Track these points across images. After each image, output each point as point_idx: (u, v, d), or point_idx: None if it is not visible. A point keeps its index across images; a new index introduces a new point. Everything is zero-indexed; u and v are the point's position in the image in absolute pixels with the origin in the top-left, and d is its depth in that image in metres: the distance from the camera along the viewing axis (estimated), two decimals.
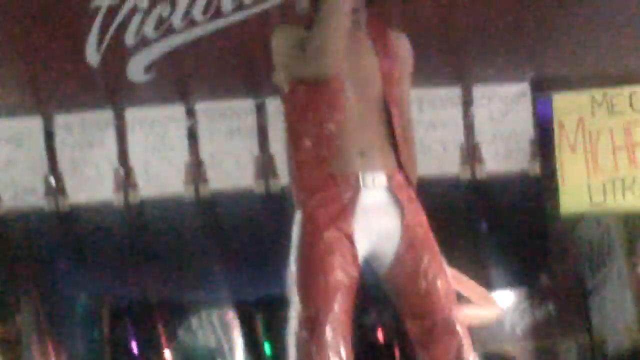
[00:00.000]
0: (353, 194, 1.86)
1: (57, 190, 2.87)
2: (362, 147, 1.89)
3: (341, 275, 1.91)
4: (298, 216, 1.88)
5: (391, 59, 1.96)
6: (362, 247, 1.88)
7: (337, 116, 1.87)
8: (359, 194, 1.86)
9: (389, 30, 2.01)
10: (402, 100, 1.99)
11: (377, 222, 1.90)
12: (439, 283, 1.95)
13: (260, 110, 2.85)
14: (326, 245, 1.89)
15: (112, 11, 2.85)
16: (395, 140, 1.92)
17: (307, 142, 1.88)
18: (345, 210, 1.85)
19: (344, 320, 1.90)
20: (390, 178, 1.91)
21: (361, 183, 1.87)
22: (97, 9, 2.84)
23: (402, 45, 2.00)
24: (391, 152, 1.93)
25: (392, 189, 1.91)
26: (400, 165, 1.92)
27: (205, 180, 2.84)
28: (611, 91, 2.77)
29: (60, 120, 2.87)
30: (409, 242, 1.92)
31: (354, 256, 1.87)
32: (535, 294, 3.76)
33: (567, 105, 2.81)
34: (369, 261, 1.94)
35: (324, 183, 1.89)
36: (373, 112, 1.90)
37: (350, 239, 1.86)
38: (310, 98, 1.89)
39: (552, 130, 2.81)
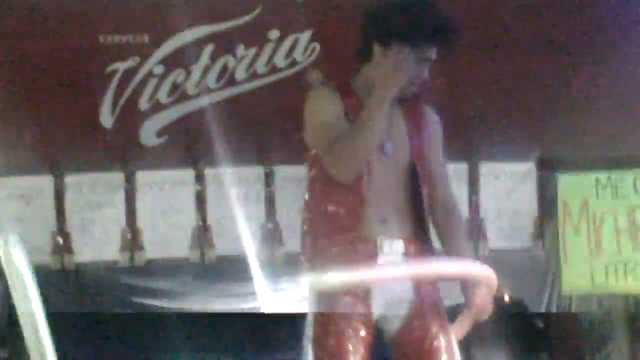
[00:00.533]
0: (370, 259, 1.89)
1: (64, 249, 2.94)
2: (384, 214, 1.91)
3: (356, 342, 1.93)
4: (314, 292, 1.90)
5: (422, 134, 2.00)
6: (376, 309, 1.91)
7: (364, 185, 1.88)
8: (376, 259, 1.90)
9: (424, 105, 2.04)
10: (432, 173, 2.01)
11: (390, 287, 1.92)
12: (443, 354, 2.00)
13: (269, 177, 2.92)
14: (344, 309, 1.92)
15: (127, 75, 2.92)
16: (417, 209, 1.94)
17: (331, 207, 1.90)
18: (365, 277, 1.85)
19: None
20: (407, 245, 1.96)
21: (379, 249, 1.91)
22: (113, 72, 2.91)
23: (433, 122, 2.05)
24: (411, 220, 1.95)
25: (408, 256, 1.94)
26: (417, 234, 1.95)
27: (212, 245, 2.90)
28: (615, 174, 2.81)
29: (71, 180, 2.94)
30: (418, 309, 1.94)
31: (369, 320, 1.90)
32: None
33: (571, 186, 2.86)
34: (378, 323, 1.95)
35: (342, 248, 1.92)
36: (398, 181, 1.93)
37: (367, 303, 1.88)
38: None
39: (556, 210, 2.86)
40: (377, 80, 1.96)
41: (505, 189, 2.85)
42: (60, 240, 2.93)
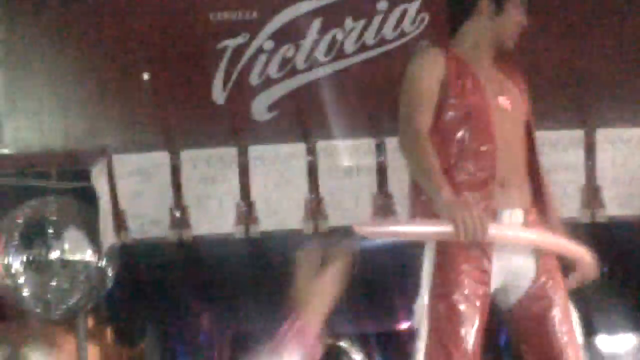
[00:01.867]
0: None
1: (182, 222, 3.08)
2: (502, 178, 1.90)
3: (473, 310, 1.94)
4: (430, 250, 1.91)
5: (524, 93, 2.02)
6: (495, 282, 1.92)
7: (486, 149, 1.88)
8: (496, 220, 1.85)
9: (516, 68, 2.07)
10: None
11: (510, 258, 1.92)
12: (564, 330, 1.97)
13: (380, 149, 2.97)
14: (462, 280, 1.92)
15: (237, 52, 3.02)
16: (533, 174, 1.95)
17: (453, 164, 1.87)
18: (484, 246, 1.85)
19: (477, 346, 1.92)
20: (526, 214, 1.93)
21: (498, 220, 1.88)
22: (224, 49, 3.01)
23: (524, 82, 2.05)
24: (528, 187, 1.95)
25: (527, 226, 1.92)
26: (536, 201, 1.95)
27: (325, 217, 2.98)
28: None
29: (186, 155, 3.06)
30: (542, 282, 1.94)
31: (486, 291, 1.91)
32: None
33: None
34: (495, 295, 1.97)
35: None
36: (516, 143, 1.93)
37: (486, 274, 1.88)
38: (458, 127, 1.93)
39: None
40: (489, 31, 1.99)
41: (622, 154, 2.84)
42: (178, 214, 3.05)
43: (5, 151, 3.12)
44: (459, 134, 1.89)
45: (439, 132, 1.89)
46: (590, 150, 2.84)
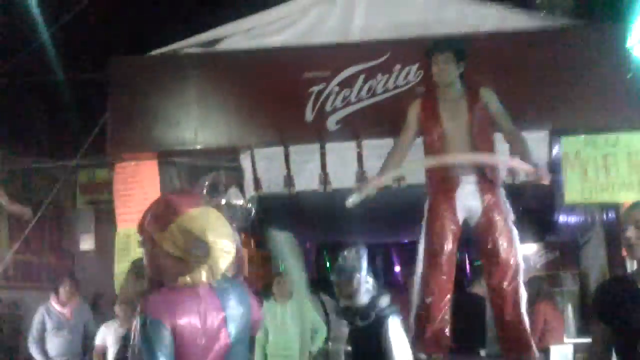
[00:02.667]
0: (455, 187, 3.36)
1: (290, 184, 5.13)
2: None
3: (449, 229, 3.36)
4: (427, 200, 3.60)
5: (477, 104, 3.38)
6: (461, 213, 3.41)
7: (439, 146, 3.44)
8: (459, 187, 3.37)
9: (479, 90, 3.53)
10: (484, 129, 3.42)
11: (469, 201, 3.40)
12: (501, 243, 3.37)
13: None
14: (441, 212, 3.41)
15: (319, 93, 5.05)
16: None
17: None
18: (451, 195, 3.40)
19: (451, 252, 3.42)
20: (477, 178, 3.41)
21: (460, 181, 3.34)
22: (312, 92, 5.06)
23: (486, 95, 3.44)
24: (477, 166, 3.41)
25: (477, 184, 3.36)
26: (482, 171, 3.37)
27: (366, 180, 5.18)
28: (595, 135, 4.65)
29: (292, 149, 5.08)
30: (487, 213, 3.35)
31: (456, 218, 3.37)
32: (549, 246, 5.73)
33: (569, 143, 4.74)
34: (467, 220, 3.46)
35: (440, 182, 3.47)
36: (466, 141, 3.43)
37: (453, 209, 3.38)
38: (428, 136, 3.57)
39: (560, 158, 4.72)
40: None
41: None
42: (287, 179, 5.07)
43: (200, 147, 5.26)
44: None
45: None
46: None
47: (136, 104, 5.37)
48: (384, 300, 3.15)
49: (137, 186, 5.39)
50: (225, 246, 1.90)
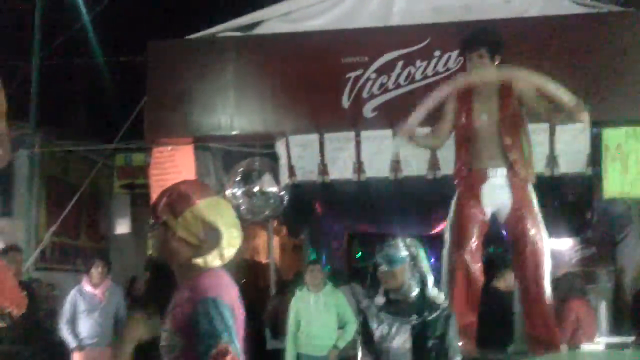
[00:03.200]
0: (483, 180, 3.37)
1: (324, 172, 5.09)
2: (490, 153, 3.36)
3: (475, 222, 3.36)
4: (456, 195, 3.54)
5: (509, 100, 3.34)
6: (488, 208, 3.38)
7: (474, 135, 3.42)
8: (487, 180, 3.35)
9: (512, 82, 3.41)
10: (515, 125, 3.38)
11: (498, 195, 3.37)
12: (531, 238, 3.33)
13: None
14: (467, 206, 3.38)
15: (356, 79, 5.05)
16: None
17: (461, 151, 3.50)
18: (478, 189, 3.40)
19: (477, 246, 3.40)
20: (507, 171, 3.30)
21: (489, 174, 3.35)
22: (349, 77, 5.05)
23: (519, 83, 3.39)
24: (507, 159, 3.37)
25: (507, 178, 3.31)
26: (512, 166, 3.33)
27: (401, 170, 5.12)
28: (638, 128, 4.56)
29: (327, 136, 5.05)
30: (516, 208, 3.34)
31: (483, 212, 3.37)
32: (585, 241, 5.62)
33: (611, 135, 4.64)
34: (495, 214, 3.41)
35: (468, 174, 3.46)
36: (496, 134, 3.39)
37: (480, 202, 3.35)
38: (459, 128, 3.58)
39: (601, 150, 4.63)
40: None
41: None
42: (321, 167, 5.07)
43: (235, 132, 5.28)
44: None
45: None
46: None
47: (174, 88, 5.43)
48: (437, 296, 2.99)
49: (173, 171, 5.43)
50: (234, 234, 2.05)
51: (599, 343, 5.05)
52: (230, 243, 2.04)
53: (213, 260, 2.02)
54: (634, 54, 4.67)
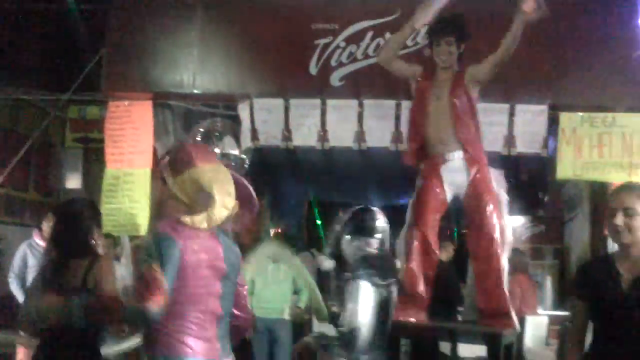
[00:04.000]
0: (441, 163, 3.47)
1: (288, 138, 5.05)
2: (445, 138, 3.46)
3: (435, 201, 3.45)
4: (419, 175, 3.62)
5: (460, 88, 3.45)
6: (450, 188, 3.48)
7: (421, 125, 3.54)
8: (445, 163, 3.48)
9: (464, 73, 3.50)
10: (465, 112, 3.44)
11: (456, 177, 3.48)
12: (488, 214, 3.40)
13: (398, 107, 4.94)
14: (429, 187, 3.47)
15: (325, 46, 5.02)
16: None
17: (416, 136, 3.58)
18: (438, 171, 3.49)
19: (435, 223, 3.47)
20: (462, 152, 3.43)
21: (446, 157, 3.45)
22: (318, 44, 5.02)
23: (469, 70, 3.47)
24: (460, 141, 3.45)
25: (463, 160, 3.46)
26: (466, 148, 3.44)
27: (364, 140, 5.10)
28: (592, 114, 4.75)
29: (292, 102, 4.99)
30: (473, 187, 3.43)
31: (444, 193, 3.48)
32: (535, 219, 5.94)
33: (567, 120, 4.83)
34: (457, 195, 3.48)
35: (428, 158, 3.52)
36: (448, 118, 3.47)
37: (441, 184, 3.48)
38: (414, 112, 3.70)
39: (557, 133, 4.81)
40: None
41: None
42: (285, 133, 5.02)
43: (197, 91, 5.16)
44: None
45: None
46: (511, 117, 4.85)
47: (135, 41, 5.26)
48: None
49: (130, 126, 5.30)
50: (226, 202, 2.13)
51: (542, 315, 5.36)
52: (221, 209, 2.11)
53: (201, 222, 2.10)
54: (594, 42, 4.82)
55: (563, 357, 4.93)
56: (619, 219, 2.37)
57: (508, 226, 3.47)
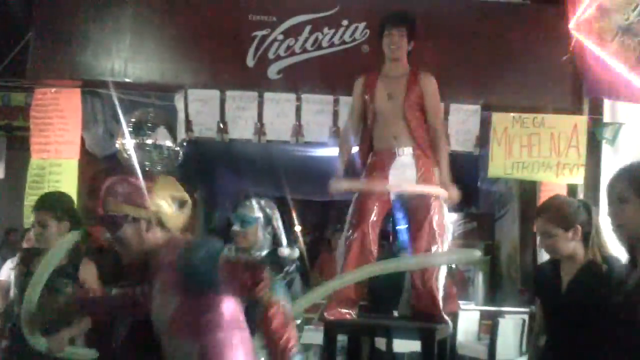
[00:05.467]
0: (392, 161, 3.41)
1: (223, 130, 4.93)
2: (396, 134, 3.43)
3: (379, 200, 3.38)
4: (364, 174, 3.54)
5: (415, 91, 3.45)
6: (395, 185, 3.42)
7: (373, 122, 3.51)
8: (395, 159, 3.42)
9: (419, 74, 3.50)
10: (417, 112, 3.42)
11: (405, 174, 3.44)
12: (426, 210, 3.39)
13: (336, 102, 4.90)
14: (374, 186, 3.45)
15: (262, 38, 4.93)
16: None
17: (366, 133, 3.53)
18: (387, 170, 3.44)
19: (377, 222, 3.38)
20: (412, 149, 3.40)
21: (397, 153, 3.41)
22: (255, 36, 4.94)
23: (426, 82, 3.49)
24: (412, 138, 3.44)
25: (413, 156, 3.42)
26: (417, 144, 3.43)
27: (302, 135, 5.07)
28: (523, 114, 4.89)
29: (229, 94, 4.90)
30: (420, 181, 3.39)
31: (387, 193, 3.42)
32: (467, 216, 6.08)
33: (499, 120, 4.96)
34: (397, 195, 3.40)
35: (378, 155, 3.46)
36: (400, 117, 3.46)
37: (387, 180, 3.41)
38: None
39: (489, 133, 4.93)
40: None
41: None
42: (221, 125, 4.90)
43: (128, 80, 4.98)
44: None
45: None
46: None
47: (64, 25, 5.03)
48: (289, 255, 3.06)
49: (57, 115, 5.09)
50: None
51: (474, 310, 5.47)
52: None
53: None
54: (526, 45, 4.94)
55: (494, 352, 5.06)
56: (542, 243, 2.60)
57: (449, 225, 3.49)
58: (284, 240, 2.85)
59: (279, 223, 2.91)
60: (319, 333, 3.85)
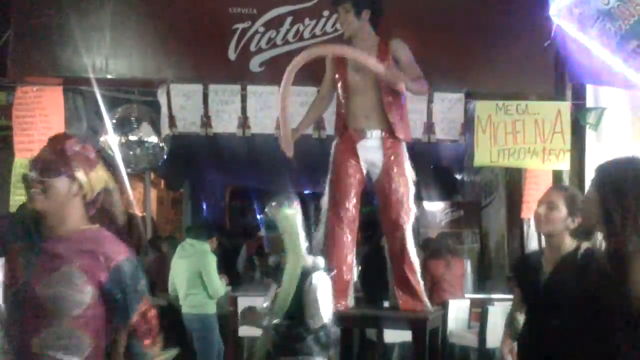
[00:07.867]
0: (359, 138, 3.41)
1: (207, 124, 4.89)
2: (367, 113, 3.41)
3: (353, 179, 3.42)
4: (333, 151, 3.65)
5: (386, 61, 3.35)
6: (364, 165, 3.44)
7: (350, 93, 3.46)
8: (363, 140, 3.43)
9: (389, 42, 3.48)
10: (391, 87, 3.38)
11: (371, 156, 3.46)
12: (396, 197, 3.43)
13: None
14: (345, 162, 3.44)
15: (244, 31, 4.88)
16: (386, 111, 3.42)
17: (340, 110, 3.57)
18: (354, 146, 3.47)
19: (355, 204, 3.42)
20: (382, 132, 3.39)
21: (364, 135, 3.39)
22: (236, 29, 4.89)
23: (396, 47, 3.45)
24: (384, 118, 3.41)
25: (382, 138, 3.41)
26: (389, 126, 3.39)
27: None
28: (507, 102, 4.89)
29: (212, 87, 4.85)
30: (386, 169, 3.43)
31: (360, 168, 3.45)
32: (454, 205, 6.09)
33: (483, 108, 4.95)
34: (369, 172, 3.47)
35: (345, 132, 3.50)
36: (373, 94, 3.47)
37: (357, 158, 3.44)
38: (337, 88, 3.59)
39: (474, 120, 4.93)
40: None
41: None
42: (205, 120, 4.87)
43: (110, 76, 4.93)
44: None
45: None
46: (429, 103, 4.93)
47: (44, 22, 4.96)
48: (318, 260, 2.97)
49: (40, 113, 5.03)
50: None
51: (464, 299, 5.46)
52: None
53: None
54: (509, 32, 4.90)
55: (484, 339, 5.07)
56: (541, 209, 2.65)
57: (412, 212, 3.48)
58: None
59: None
60: None
